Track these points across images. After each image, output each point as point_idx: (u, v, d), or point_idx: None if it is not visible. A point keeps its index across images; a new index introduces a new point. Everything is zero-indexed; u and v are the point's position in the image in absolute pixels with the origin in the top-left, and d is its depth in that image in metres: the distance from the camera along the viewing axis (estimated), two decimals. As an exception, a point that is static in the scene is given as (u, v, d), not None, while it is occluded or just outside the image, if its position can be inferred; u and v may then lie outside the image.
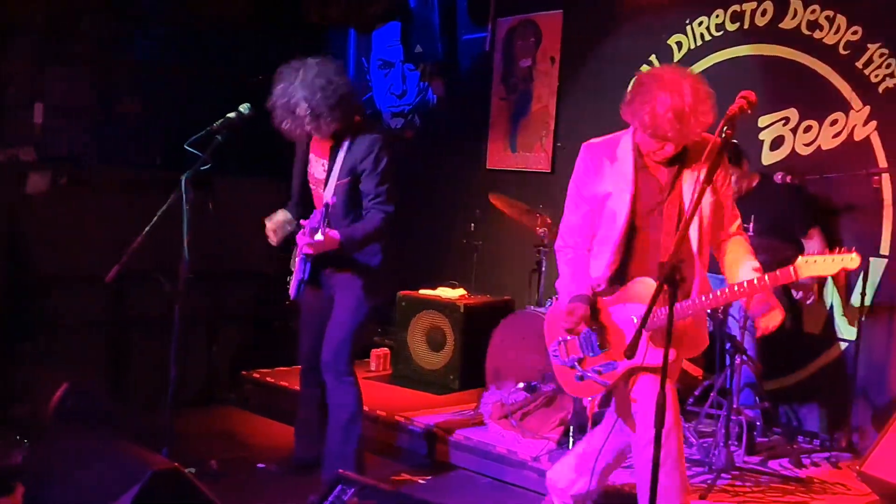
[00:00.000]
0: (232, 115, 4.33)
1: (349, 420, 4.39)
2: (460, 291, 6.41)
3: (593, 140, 3.63)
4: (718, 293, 3.33)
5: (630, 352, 2.88)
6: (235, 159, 5.74)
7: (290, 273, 4.41)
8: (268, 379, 6.14)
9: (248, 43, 7.13)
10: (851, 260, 3.08)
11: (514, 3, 7.13)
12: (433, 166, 7.61)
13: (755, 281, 3.25)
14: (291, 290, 4.37)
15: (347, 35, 8.12)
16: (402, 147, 7.91)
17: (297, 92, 4.10)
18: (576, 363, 3.54)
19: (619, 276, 3.51)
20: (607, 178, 3.51)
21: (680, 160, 3.44)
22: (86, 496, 3.19)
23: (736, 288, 3.28)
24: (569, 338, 3.55)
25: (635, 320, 3.36)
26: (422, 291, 6.40)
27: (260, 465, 4.85)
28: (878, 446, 4.09)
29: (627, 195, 3.45)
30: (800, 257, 3.18)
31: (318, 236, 3.94)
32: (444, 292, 6.39)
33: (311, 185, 4.45)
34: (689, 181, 3.39)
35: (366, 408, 5.27)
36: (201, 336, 6.31)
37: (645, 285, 3.40)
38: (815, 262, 3.13)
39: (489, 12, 7.17)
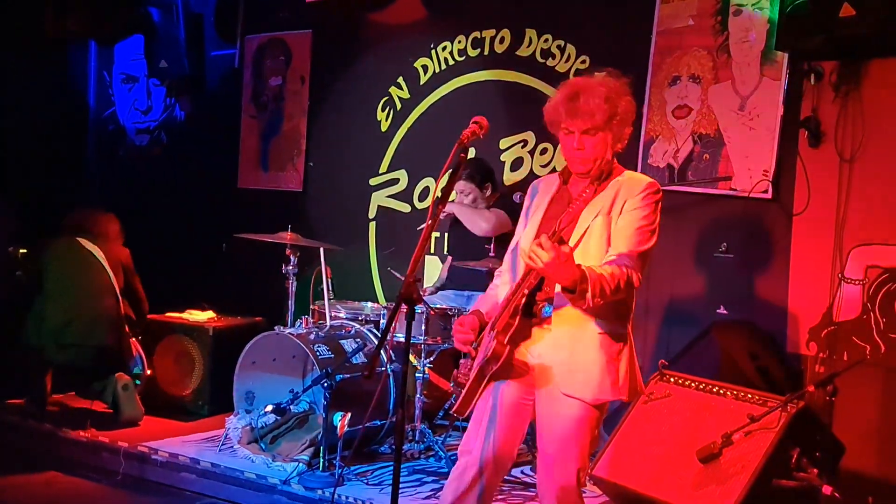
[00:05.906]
0: None
1: None
2: (209, 314, 6.23)
3: None
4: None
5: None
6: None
7: None
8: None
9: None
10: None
11: (263, 21, 7.06)
12: (182, 185, 7.38)
13: None
14: None
15: (88, 47, 7.74)
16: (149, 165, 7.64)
17: None
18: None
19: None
20: None
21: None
22: None
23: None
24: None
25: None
26: (168, 314, 6.16)
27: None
28: (606, 450, 4.33)
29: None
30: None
31: None
32: (193, 315, 6.18)
33: None
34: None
35: (106, 440, 5.03)
36: None
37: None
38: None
39: (237, 29, 7.07)
